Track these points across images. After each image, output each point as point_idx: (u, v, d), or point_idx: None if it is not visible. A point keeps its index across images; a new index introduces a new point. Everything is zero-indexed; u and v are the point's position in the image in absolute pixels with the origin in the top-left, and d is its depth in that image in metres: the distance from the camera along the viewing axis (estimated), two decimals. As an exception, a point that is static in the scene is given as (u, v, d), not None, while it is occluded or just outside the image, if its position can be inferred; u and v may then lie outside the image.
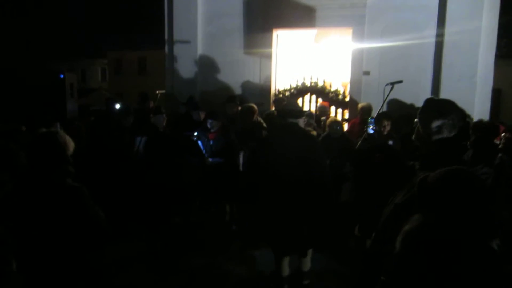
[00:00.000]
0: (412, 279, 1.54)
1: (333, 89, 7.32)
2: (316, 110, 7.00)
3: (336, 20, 6.97)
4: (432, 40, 6.31)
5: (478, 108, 6.09)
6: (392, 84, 4.49)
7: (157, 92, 6.75)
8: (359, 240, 4.77)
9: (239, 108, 5.96)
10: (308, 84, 7.37)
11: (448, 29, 6.12)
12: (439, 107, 2.92)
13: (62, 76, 7.05)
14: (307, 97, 7.40)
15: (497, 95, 15.61)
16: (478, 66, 6.08)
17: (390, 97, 5.42)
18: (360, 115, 6.13)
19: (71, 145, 2.38)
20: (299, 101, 7.31)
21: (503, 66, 12.94)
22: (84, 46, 29.43)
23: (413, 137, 3.46)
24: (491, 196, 2.01)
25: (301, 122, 3.67)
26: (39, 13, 29.34)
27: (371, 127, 3.69)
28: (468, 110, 5.84)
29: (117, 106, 5.83)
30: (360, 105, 6.20)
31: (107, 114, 6.16)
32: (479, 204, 1.53)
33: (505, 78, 14.66)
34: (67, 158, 2.31)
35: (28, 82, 7.51)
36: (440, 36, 6.23)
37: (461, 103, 6.07)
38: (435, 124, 2.82)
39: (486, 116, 6.23)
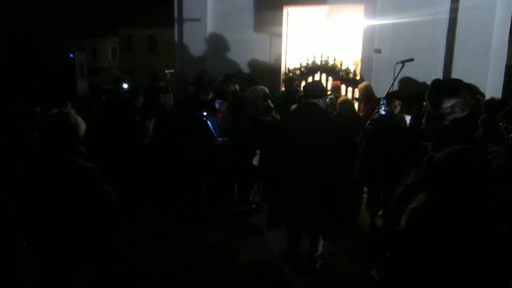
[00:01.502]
0: (415, 256, 1.58)
1: (344, 67, 7.22)
2: (328, 90, 6.94)
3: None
4: (445, 16, 6.13)
5: (491, 85, 5.96)
6: (403, 62, 4.43)
7: (166, 71, 6.75)
8: (368, 218, 4.84)
9: (237, 86, 5.97)
10: (318, 62, 7.28)
11: (462, 4, 5.93)
12: (449, 87, 2.89)
13: (72, 55, 7.04)
14: (317, 75, 7.33)
15: (511, 72, 15.26)
16: (492, 42, 5.92)
17: (402, 75, 5.38)
18: (360, 95, 6.10)
19: (82, 125, 2.40)
20: (309, 79, 7.24)
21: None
22: (94, 24, 29.26)
23: (423, 120, 3.45)
24: (496, 175, 2.03)
25: (322, 102, 3.65)
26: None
27: (383, 108, 3.65)
28: (480, 88, 5.82)
29: (125, 86, 5.86)
30: (359, 86, 6.17)
31: (116, 94, 6.21)
32: (483, 183, 1.55)
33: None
34: (78, 138, 2.34)
35: (38, 61, 7.55)
36: (453, 11, 6.04)
37: (473, 81, 5.99)
38: (448, 104, 2.80)
39: (498, 94, 6.10)
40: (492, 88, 6.00)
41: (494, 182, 1.61)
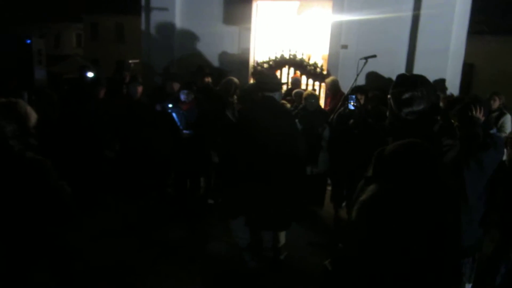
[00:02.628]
0: (364, 246, 1.64)
1: (311, 62, 7.30)
2: (288, 83, 7.00)
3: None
4: (409, 13, 6.34)
5: (450, 81, 6.24)
6: (366, 58, 4.54)
7: (130, 61, 6.59)
8: (332, 210, 4.96)
9: (209, 79, 5.93)
10: (287, 56, 7.32)
11: (424, 3, 6.15)
12: (409, 81, 3.00)
13: (28, 41, 6.69)
14: (285, 69, 7.37)
15: (470, 69, 16.05)
16: (451, 40, 6.18)
17: (367, 70, 5.51)
18: (327, 90, 6.21)
19: (32, 115, 2.26)
20: (277, 73, 7.27)
21: (476, 42, 13.20)
22: (58, 9, 27.94)
23: (387, 112, 3.54)
24: (445, 168, 2.13)
25: (277, 95, 3.66)
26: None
27: (352, 103, 3.73)
28: (440, 84, 6.04)
29: (90, 74, 5.66)
30: (326, 80, 6.29)
31: (79, 83, 5.99)
32: (428, 174, 1.62)
33: (477, 54, 14.98)
34: (27, 129, 2.21)
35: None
36: (416, 9, 6.26)
37: (434, 77, 6.19)
38: (405, 96, 2.91)
39: (456, 90, 6.41)
40: (451, 84, 6.28)
41: (439, 173, 1.68)
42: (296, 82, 6.68)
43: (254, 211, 3.53)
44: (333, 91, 6.09)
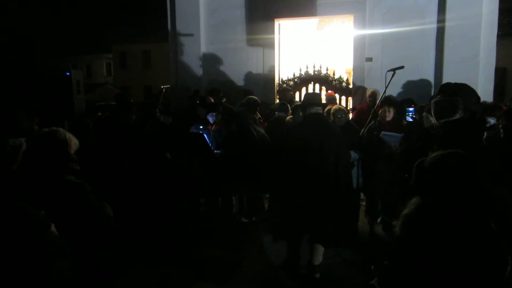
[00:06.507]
0: (412, 262, 1.60)
1: (336, 76, 7.31)
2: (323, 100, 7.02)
3: (338, 7, 6.95)
4: (433, 25, 6.30)
5: (482, 88, 6.08)
6: (394, 70, 4.50)
7: (162, 87, 6.82)
8: (365, 225, 4.85)
9: (224, 99, 6.06)
10: (311, 72, 7.37)
11: (449, 15, 6.09)
12: (449, 89, 2.95)
13: (68, 73, 7.09)
14: (310, 85, 7.41)
15: (502, 74, 15.48)
16: (480, 46, 6.05)
17: (394, 83, 5.47)
18: (369, 101, 6.16)
19: (73, 142, 2.36)
20: (303, 90, 7.33)
21: (507, 45, 12.74)
22: (88, 41, 29.43)
23: (425, 124, 3.46)
24: (486, 177, 2.06)
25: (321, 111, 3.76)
26: (40, 8, 29.36)
27: (410, 115, 3.68)
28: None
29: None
30: (368, 92, 6.24)
31: (116, 110, 6.20)
32: (472, 186, 1.59)
33: (509, 56, 14.40)
34: (68, 155, 2.30)
35: (35, 81, 7.58)
36: (441, 21, 6.21)
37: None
38: (440, 105, 2.85)
39: (490, 96, 6.22)
40: (483, 91, 6.11)
41: (481, 183, 1.64)
42: (331, 100, 6.69)
43: (312, 227, 3.52)
44: (372, 101, 6.05)
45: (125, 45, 28.37)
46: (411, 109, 3.69)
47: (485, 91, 6.13)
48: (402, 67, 4.61)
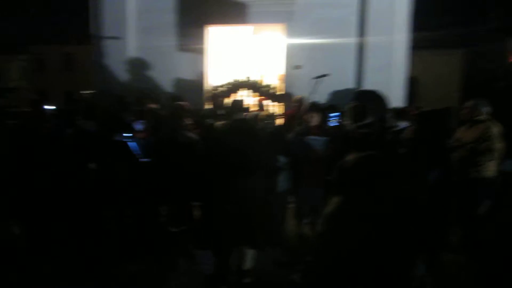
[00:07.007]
0: (332, 258, 1.69)
1: (266, 83, 7.49)
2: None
3: (270, 16, 7.17)
4: (354, 37, 6.84)
5: (395, 95, 6.70)
6: (318, 78, 4.76)
7: (83, 92, 6.43)
8: (292, 227, 4.99)
9: (153, 105, 5.92)
10: (242, 79, 7.46)
11: (368, 28, 6.67)
12: (361, 96, 3.24)
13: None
14: (240, 92, 7.50)
15: (415, 82, 17.49)
16: (395, 57, 6.69)
17: (320, 90, 5.75)
18: (296, 107, 6.40)
19: None
20: (233, 96, 7.38)
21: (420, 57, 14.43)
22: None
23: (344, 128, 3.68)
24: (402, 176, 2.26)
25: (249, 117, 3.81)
26: None
27: (334, 120, 3.81)
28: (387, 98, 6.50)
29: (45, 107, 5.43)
30: (295, 98, 6.48)
31: (33, 117, 5.69)
32: (386, 184, 1.73)
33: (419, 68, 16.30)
34: None
35: None
36: (361, 34, 6.77)
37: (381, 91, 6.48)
38: (355, 110, 3.12)
39: (402, 102, 6.91)
40: (396, 98, 6.73)
41: (395, 180, 1.78)
42: (260, 106, 6.80)
43: (236, 230, 3.52)
44: (300, 107, 6.26)
45: (44, 47, 26.21)
46: (334, 114, 3.90)
47: (398, 98, 6.76)
48: (326, 75, 4.88)
